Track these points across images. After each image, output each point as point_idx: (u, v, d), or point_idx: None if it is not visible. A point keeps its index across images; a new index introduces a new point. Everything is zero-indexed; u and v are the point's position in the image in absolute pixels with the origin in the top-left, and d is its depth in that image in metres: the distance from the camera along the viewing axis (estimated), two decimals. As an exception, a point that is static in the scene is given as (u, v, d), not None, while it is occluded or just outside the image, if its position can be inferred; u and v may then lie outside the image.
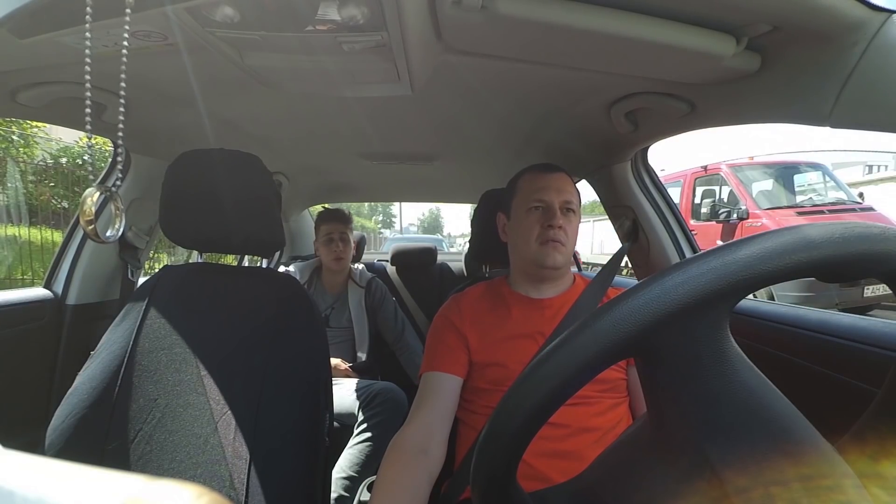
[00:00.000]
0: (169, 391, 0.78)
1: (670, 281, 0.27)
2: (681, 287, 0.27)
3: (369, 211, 35.02)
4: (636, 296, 0.28)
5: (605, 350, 0.28)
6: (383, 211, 36.38)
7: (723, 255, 0.27)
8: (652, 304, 0.27)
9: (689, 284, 0.27)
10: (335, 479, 1.31)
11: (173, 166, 0.83)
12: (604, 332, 0.28)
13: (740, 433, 0.28)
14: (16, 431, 0.99)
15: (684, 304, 0.27)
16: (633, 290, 0.28)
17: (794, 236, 0.27)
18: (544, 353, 0.29)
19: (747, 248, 0.27)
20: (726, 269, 0.27)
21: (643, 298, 0.27)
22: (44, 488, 0.15)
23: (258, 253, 0.95)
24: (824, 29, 0.54)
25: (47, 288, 1.16)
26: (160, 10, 0.53)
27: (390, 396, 1.41)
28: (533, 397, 0.29)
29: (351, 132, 1.20)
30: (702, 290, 0.27)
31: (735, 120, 0.77)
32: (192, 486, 0.15)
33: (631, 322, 0.27)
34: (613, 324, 0.28)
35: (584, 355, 0.28)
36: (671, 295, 0.27)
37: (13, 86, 0.76)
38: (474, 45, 0.67)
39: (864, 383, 0.66)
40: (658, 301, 0.27)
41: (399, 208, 29.94)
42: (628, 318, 0.27)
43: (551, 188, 0.86)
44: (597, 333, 0.28)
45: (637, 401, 0.86)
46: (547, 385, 0.29)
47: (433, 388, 0.82)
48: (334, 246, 1.67)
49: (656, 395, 0.31)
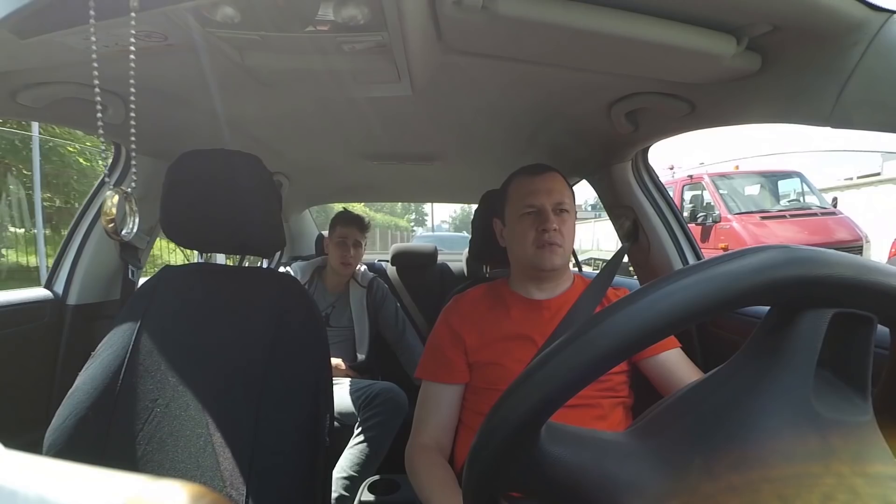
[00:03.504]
0: (169, 391, 0.78)
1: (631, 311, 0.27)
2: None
3: (402, 210, 35.97)
4: (631, 304, 0.27)
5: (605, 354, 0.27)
6: (416, 210, 37.01)
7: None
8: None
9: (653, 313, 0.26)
10: (335, 479, 1.31)
11: (173, 166, 0.83)
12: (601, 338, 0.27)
13: None
14: (16, 431, 0.99)
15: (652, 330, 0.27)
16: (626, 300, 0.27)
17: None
18: (526, 371, 0.29)
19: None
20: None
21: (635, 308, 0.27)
22: (44, 488, 0.15)
23: (258, 253, 0.95)
24: (825, 29, 0.54)
25: (48, 288, 1.16)
26: (160, 10, 0.53)
27: (390, 396, 1.41)
28: (519, 409, 0.28)
29: (351, 132, 1.20)
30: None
31: (735, 120, 0.77)
32: (192, 485, 0.15)
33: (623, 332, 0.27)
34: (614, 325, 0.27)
35: (578, 364, 0.27)
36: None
37: (13, 86, 0.76)
38: (474, 45, 0.67)
39: None
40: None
41: (431, 207, 30.96)
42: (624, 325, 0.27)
43: (541, 191, 0.86)
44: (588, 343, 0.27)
45: (641, 399, 0.86)
46: (530, 400, 0.28)
47: (433, 398, 0.87)
48: (345, 250, 1.67)
49: None
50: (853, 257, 0.28)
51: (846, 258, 0.27)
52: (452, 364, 0.86)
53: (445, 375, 0.86)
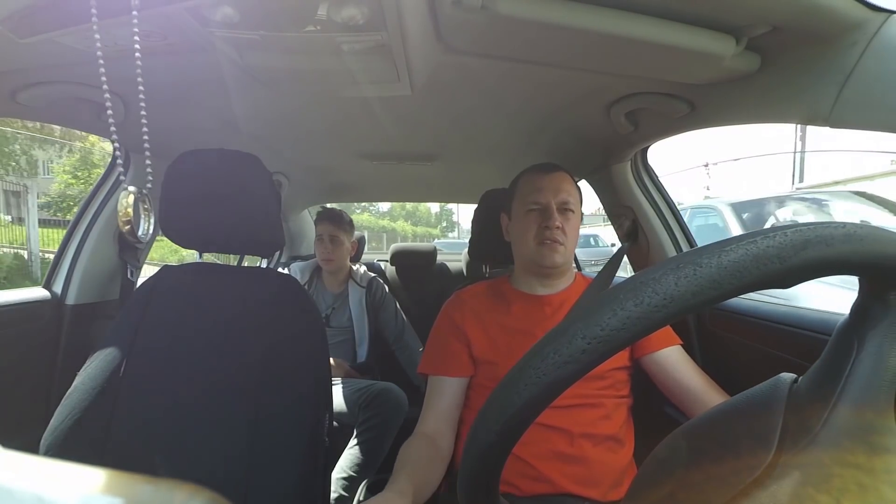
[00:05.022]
0: (168, 391, 0.78)
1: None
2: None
3: (435, 220, 38.91)
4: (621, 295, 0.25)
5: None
6: (446, 218, 39.52)
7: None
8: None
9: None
10: (335, 479, 1.31)
11: (173, 166, 0.83)
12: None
13: None
14: (16, 431, 0.99)
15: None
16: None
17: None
18: (514, 369, 0.27)
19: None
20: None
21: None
22: (44, 488, 0.15)
23: (257, 253, 0.95)
24: (824, 29, 0.54)
25: (47, 288, 1.16)
26: (160, 10, 0.54)
27: (390, 396, 1.41)
28: (509, 408, 0.26)
29: (351, 132, 1.20)
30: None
31: (735, 120, 0.77)
32: (191, 485, 0.15)
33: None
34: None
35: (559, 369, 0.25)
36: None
37: (13, 86, 0.76)
38: (474, 45, 0.67)
39: None
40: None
41: (457, 215, 33.71)
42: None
43: (548, 189, 0.86)
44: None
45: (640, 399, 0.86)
46: (520, 399, 0.26)
47: (435, 391, 0.86)
48: (323, 247, 1.68)
49: None
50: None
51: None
52: (456, 356, 0.86)
53: (448, 368, 0.86)
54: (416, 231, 30.47)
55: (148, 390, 0.77)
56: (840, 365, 0.27)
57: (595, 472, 0.77)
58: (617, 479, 0.78)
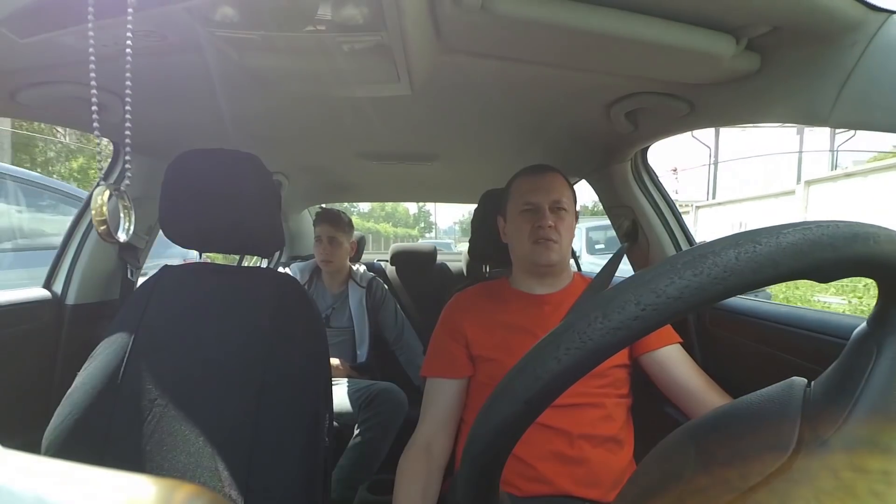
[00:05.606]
0: (169, 391, 0.78)
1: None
2: None
3: (413, 221, 39.59)
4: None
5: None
6: (423, 219, 40.11)
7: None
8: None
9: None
10: (335, 480, 1.31)
11: (173, 166, 0.83)
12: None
13: None
14: (16, 431, 0.99)
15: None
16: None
17: None
18: (513, 370, 0.26)
19: None
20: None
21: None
22: (44, 488, 0.15)
23: (257, 253, 0.95)
24: (824, 29, 0.54)
25: (46, 288, 1.16)
26: (160, 10, 0.54)
27: (390, 396, 1.41)
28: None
29: (351, 132, 1.20)
30: None
31: (735, 120, 0.77)
32: (190, 485, 0.15)
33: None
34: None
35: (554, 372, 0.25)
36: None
37: (13, 86, 0.76)
38: (474, 44, 0.67)
39: None
40: None
41: (435, 216, 34.74)
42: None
43: (540, 190, 0.88)
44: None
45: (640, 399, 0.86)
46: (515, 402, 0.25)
47: (434, 392, 0.87)
48: (322, 248, 1.68)
49: None
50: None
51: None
52: (454, 358, 0.87)
53: (447, 370, 0.87)
54: (396, 232, 31.03)
55: (148, 390, 0.77)
56: (858, 371, 0.26)
57: (595, 473, 0.77)
58: (617, 480, 0.78)
